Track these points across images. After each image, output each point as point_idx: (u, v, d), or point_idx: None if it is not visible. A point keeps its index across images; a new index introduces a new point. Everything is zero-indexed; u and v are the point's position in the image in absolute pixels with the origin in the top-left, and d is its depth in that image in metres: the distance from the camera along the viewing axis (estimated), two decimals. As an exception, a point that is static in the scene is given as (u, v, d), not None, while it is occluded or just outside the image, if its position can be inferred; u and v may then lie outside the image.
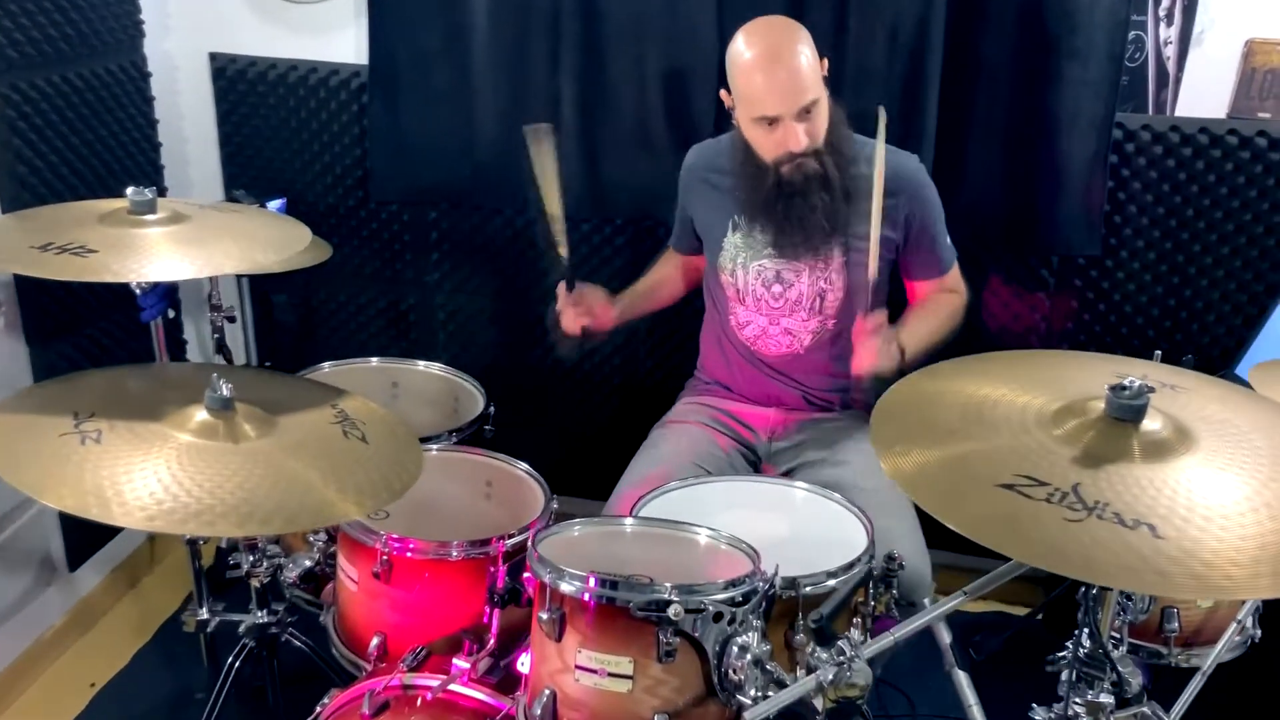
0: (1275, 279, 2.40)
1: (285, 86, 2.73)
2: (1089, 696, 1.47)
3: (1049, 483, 1.04)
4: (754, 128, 1.98)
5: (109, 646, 2.59)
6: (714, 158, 2.21)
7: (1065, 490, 1.02)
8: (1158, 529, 0.97)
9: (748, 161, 2.04)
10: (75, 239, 1.69)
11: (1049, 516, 1.00)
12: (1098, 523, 0.98)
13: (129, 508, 1.31)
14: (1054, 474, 1.05)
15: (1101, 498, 1.01)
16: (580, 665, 1.33)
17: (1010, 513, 1.00)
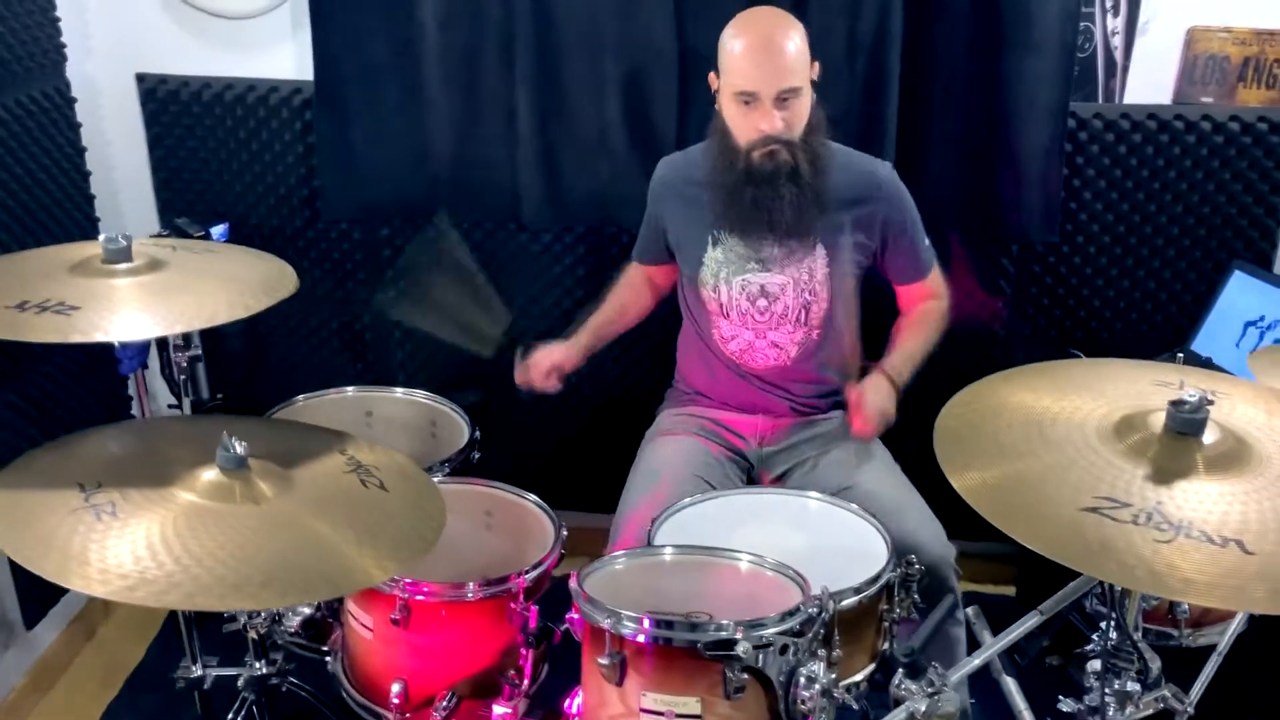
0: (1223, 256, 2.50)
1: (221, 106, 2.61)
2: (1116, 686, 1.52)
3: (1130, 503, 1.06)
4: (732, 105, 1.98)
5: (76, 704, 2.47)
6: (688, 170, 2.18)
7: (1149, 511, 1.04)
8: (1246, 544, 1.00)
9: (722, 148, 2.04)
10: (52, 295, 1.59)
11: (1140, 539, 1.02)
12: (1187, 541, 1.01)
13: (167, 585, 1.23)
14: (1132, 494, 1.08)
15: (1184, 516, 1.04)
16: (645, 709, 1.32)
17: (1102, 537, 1.02)
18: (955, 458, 1.19)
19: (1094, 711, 1.54)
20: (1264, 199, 2.45)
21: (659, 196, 2.24)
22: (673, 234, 2.22)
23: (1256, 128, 2.40)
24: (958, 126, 2.42)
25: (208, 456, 1.47)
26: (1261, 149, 2.41)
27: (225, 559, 1.31)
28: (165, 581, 1.26)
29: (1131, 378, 1.33)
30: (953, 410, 1.29)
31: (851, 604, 1.56)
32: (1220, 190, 2.46)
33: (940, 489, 1.32)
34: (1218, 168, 2.44)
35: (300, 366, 2.82)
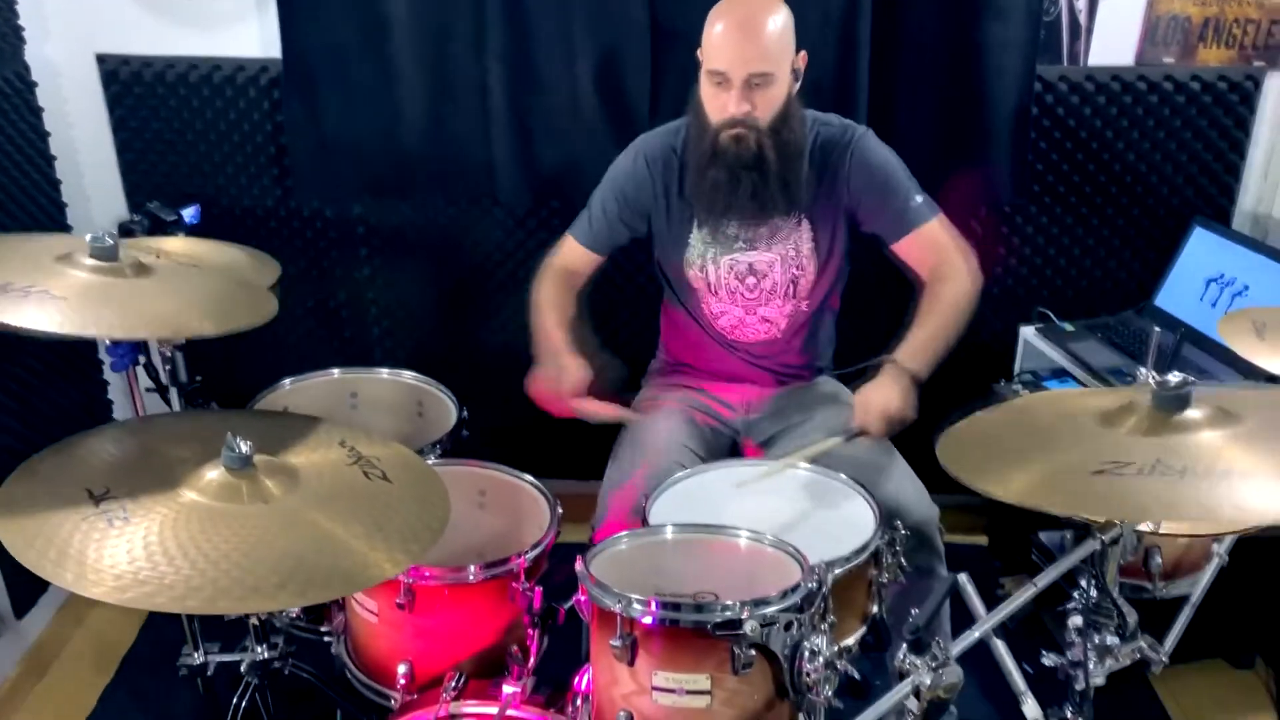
0: (1184, 213, 2.57)
1: (186, 87, 2.58)
2: (1096, 640, 1.59)
3: (1134, 461, 1.12)
4: (707, 84, 1.97)
5: (71, 690, 2.48)
6: (663, 155, 2.14)
7: (1151, 463, 1.11)
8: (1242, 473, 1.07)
9: (696, 126, 2.04)
10: (33, 280, 1.59)
11: (1154, 486, 1.10)
12: (1196, 477, 1.08)
13: (185, 590, 1.26)
14: (1134, 452, 1.15)
15: (1184, 463, 1.11)
16: (657, 686, 1.37)
17: (1118, 492, 1.09)
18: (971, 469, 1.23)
19: (1075, 665, 1.61)
20: (1223, 156, 2.52)
21: (644, 180, 2.15)
22: (656, 216, 2.18)
23: (1216, 87, 2.46)
24: (927, 93, 2.46)
25: (211, 455, 1.48)
26: (1221, 108, 2.48)
27: (240, 561, 1.32)
28: (184, 586, 1.27)
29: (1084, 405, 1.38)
30: (949, 448, 1.33)
31: (842, 572, 1.61)
32: (1182, 149, 2.52)
33: (918, 448, 1.35)
34: (1179, 127, 2.50)
35: (277, 346, 2.82)
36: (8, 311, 1.50)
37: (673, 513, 1.79)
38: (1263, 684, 2.49)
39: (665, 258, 2.22)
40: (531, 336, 2.23)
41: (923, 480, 2.01)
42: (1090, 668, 1.59)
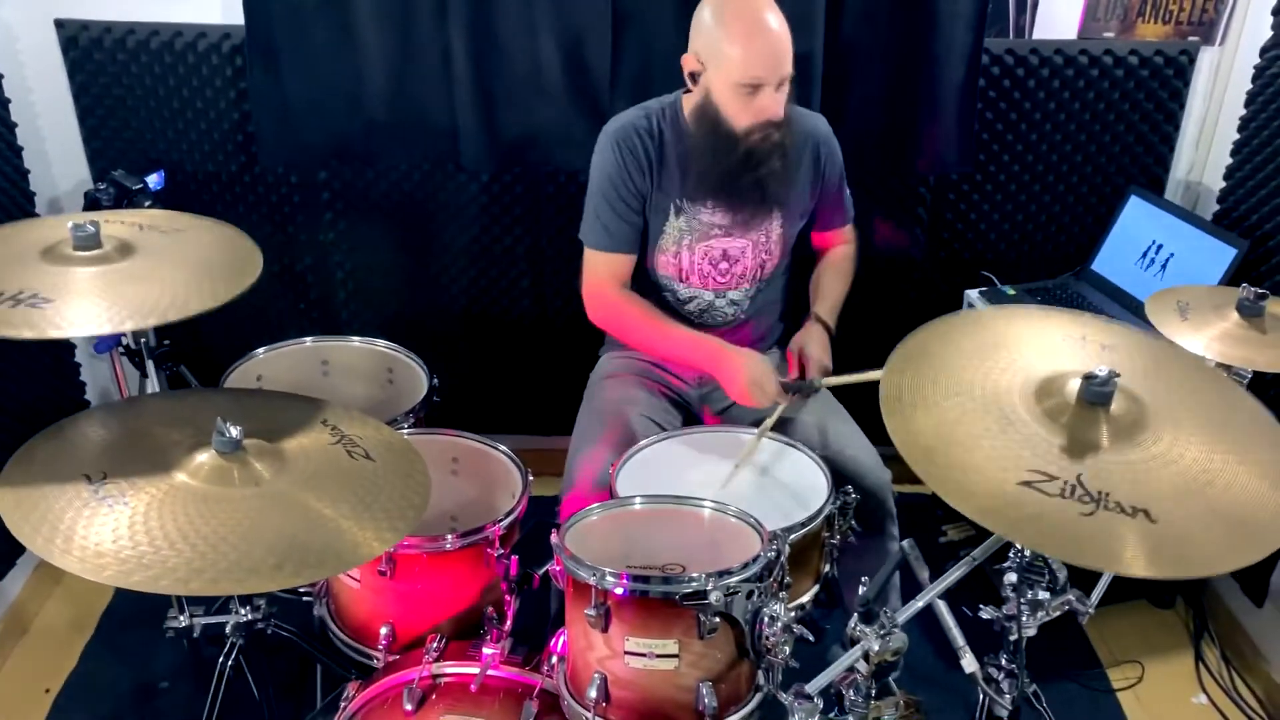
0: (1121, 181, 2.69)
1: (148, 53, 2.58)
2: (1029, 596, 1.73)
3: (1058, 476, 1.23)
4: (732, 94, 1.96)
5: (52, 648, 2.56)
6: (648, 141, 2.12)
7: (1073, 483, 1.22)
8: (1151, 513, 1.19)
9: (712, 133, 2.01)
10: (25, 286, 1.63)
11: (1069, 513, 1.19)
12: (1105, 514, 1.19)
13: (188, 573, 1.34)
14: (1057, 465, 1.25)
15: (1103, 487, 1.22)
16: (629, 651, 1.48)
17: (1040, 513, 1.19)
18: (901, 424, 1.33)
19: (1010, 619, 1.75)
20: (1159, 127, 2.64)
21: (629, 168, 2.11)
22: (648, 204, 2.17)
23: (1153, 61, 2.56)
24: (879, 66, 2.53)
25: (201, 438, 1.55)
26: (1158, 81, 2.58)
27: (237, 543, 1.41)
28: (186, 569, 1.36)
29: (1043, 330, 1.49)
30: (891, 377, 1.42)
31: (798, 536, 1.74)
32: (1120, 120, 2.63)
33: (868, 407, 1.44)
34: (1118, 99, 2.60)
35: (243, 309, 2.83)
36: (9, 324, 1.54)
37: (638, 481, 1.90)
38: (1183, 622, 2.68)
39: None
40: (648, 348, 2.24)
41: (865, 431, 2.13)
42: (1023, 621, 1.74)
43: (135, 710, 2.40)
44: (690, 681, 1.50)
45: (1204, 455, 1.29)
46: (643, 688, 1.51)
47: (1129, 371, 1.40)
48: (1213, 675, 2.51)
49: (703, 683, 1.50)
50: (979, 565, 1.87)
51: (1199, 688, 2.49)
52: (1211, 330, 1.80)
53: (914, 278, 2.82)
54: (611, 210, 2.13)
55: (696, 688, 1.50)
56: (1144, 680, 2.50)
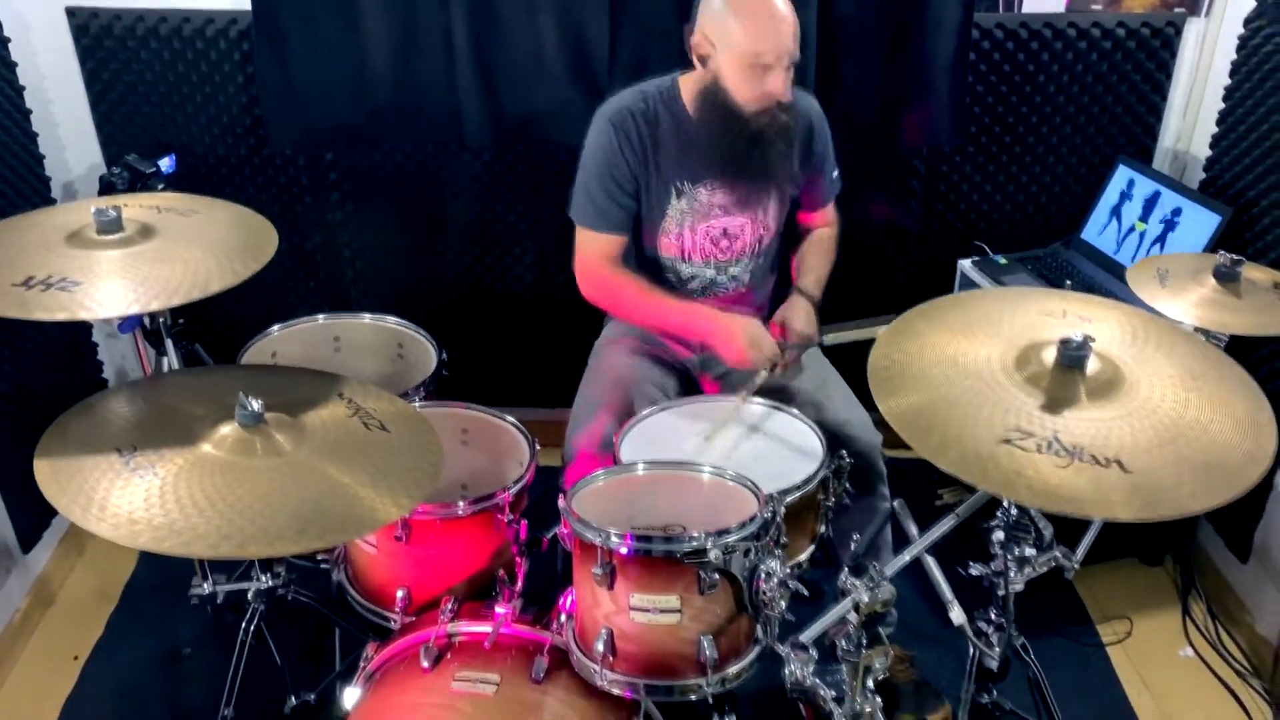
0: (1109, 151, 2.75)
1: (157, 40, 2.64)
2: (1016, 552, 1.82)
3: (1035, 433, 1.31)
4: (741, 73, 2.01)
5: (78, 618, 2.65)
6: (649, 125, 2.16)
7: (1050, 439, 1.30)
8: (1124, 464, 1.27)
9: (719, 112, 2.06)
10: (54, 270, 1.71)
11: (1045, 466, 1.28)
12: (1080, 465, 1.27)
13: (217, 538, 1.42)
14: (1035, 424, 1.33)
15: (1076, 441, 1.30)
16: (634, 606, 1.57)
17: (1015, 469, 1.28)
18: (887, 392, 1.42)
19: (998, 574, 1.84)
20: (1146, 98, 2.69)
21: (625, 153, 2.16)
22: (644, 187, 2.22)
23: (1140, 33, 2.62)
24: (872, 42, 2.59)
25: (224, 412, 1.63)
26: (1144, 52, 2.64)
27: (262, 509, 1.49)
28: (215, 534, 1.44)
29: (1024, 308, 1.57)
30: (881, 350, 1.51)
31: (794, 499, 1.82)
32: (1108, 91, 2.69)
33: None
34: (1106, 71, 2.66)
35: (255, 288, 2.90)
36: (42, 308, 1.62)
37: (640, 449, 1.97)
38: (1171, 579, 2.77)
39: (638, 224, 2.26)
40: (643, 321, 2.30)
41: (859, 396, 2.20)
42: (1011, 576, 1.82)
43: (161, 676, 2.49)
44: (692, 635, 1.59)
45: (1177, 410, 1.37)
46: (647, 641, 1.59)
47: (1106, 339, 1.47)
48: (1199, 629, 2.60)
49: (704, 636, 1.58)
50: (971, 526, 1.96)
51: (1186, 641, 2.58)
52: (1190, 296, 1.87)
53: (909, 248, 2.89)
54: (604, 192, 2.17)
55: (698, 641, 1.59)
56: (1132, 635, 2.58)
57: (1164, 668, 2.50)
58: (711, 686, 1.60)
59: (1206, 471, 1.27)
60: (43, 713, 2.37)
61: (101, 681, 2.47)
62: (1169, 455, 1.30)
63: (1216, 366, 1.47)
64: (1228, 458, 1.30)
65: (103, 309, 1.68)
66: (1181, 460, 1.29)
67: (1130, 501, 1.23)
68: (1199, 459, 1.29)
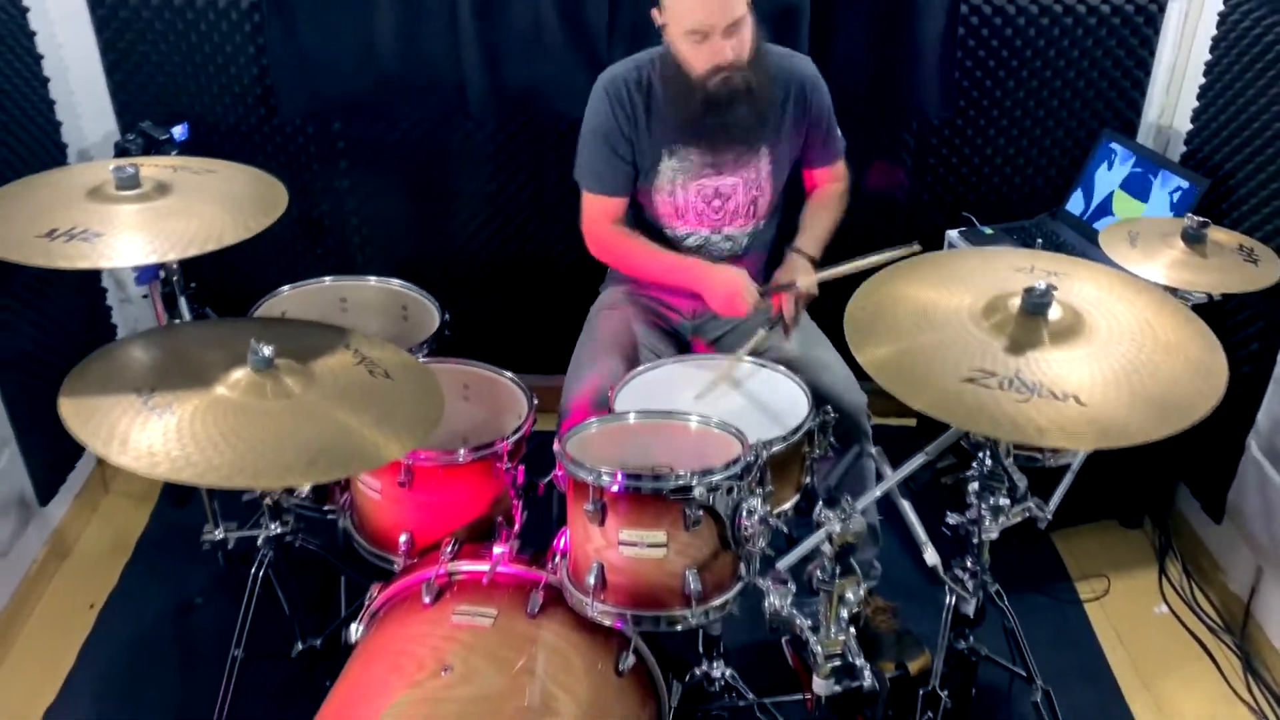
0: (1094, 124, 2.83)
1: (171, 10, 2.73)
2: (991, 502, 1.90)
3: (998, 373, 1.40)
4: (684, 42, 2.12)
5: (94, 569, 2.75)
6: (640, 87, 2.27)
7: (1011, 378, 1.39)
8: (1080, 398, 1.36)
9: (677, 79, 2.18)
10: (76, 223, 1.80)
11: (1005, 401, 1.37)
12: (1039, 400, 1.36)
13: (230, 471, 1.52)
14: (998, 364, 1.42)
15: (1037, 379, 1.39)
16: (623, 541, 1.66)
17: (977, 403, 1.37)
18: (862, 341, 1.51)
19: (973, 523, 1.93)
20: (1130, 73, 2.77)
21: (619, 118, 2.27)
22: (636, 147, 2.31)
23: (1125, 9, 2.69)
24: (863, 16, 2.67)
25: (236, 359, 1.73)
26: (1129, 28, 2.72)
27: (275, 446, 1.59)
28: (229, 467, 1.54)
29: (995, 265, 1.66)
30: (857, 302, 1.60)
31: (779, 449, 1.91)
32: (1093, 66, 2.77)
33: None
34: (1091, 46, 2.74)
35: (264, 255, 3.02)
36: (66, 257, 1.71)
37: (633, 403, 2.06)
38: (1149, 542, 2.86)
39: (636, 186, 2.36)
40: (641, 274, 2.42)
41: (854, 369, 2.28)
42: (985, 525, 1.91)
43: (173, 623, 2.59)
44: (678, 569, 1.68)
45: (1133, 352, 1.46)
46: (635, 574, 1.69)
47: (1070, 291, 1.56)
48: (1174, 588, 2.69)
49: (688, 570, 1.68)
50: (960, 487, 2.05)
51: (1161, 599, 2.67)
52: (1160, 257, 1.95)
53: (898, 220, 2.98)
54: (601, 157, 2.29)
55: (683, 574, 1.68)
56: (1110, 593, 2.68)
57: (1139, 624, 2.60)
58: (695, 618, 1.70)
59: (1158, 406, 1.37)
60: (62, 657, 2.47)
61: (117, 628, 2.57)
62: (1123, 391, 1.39)
63: (1174, 315, 1.56)
64: (1178, 395, 1.39)
65: (121, 258, 1.77)
66: (1135, 396, 1.38)
67: (1084, 432, 1.32)
68: (1152, 395, 1.38)
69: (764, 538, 1.67)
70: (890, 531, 2.41)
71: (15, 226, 1.79)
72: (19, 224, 1.80)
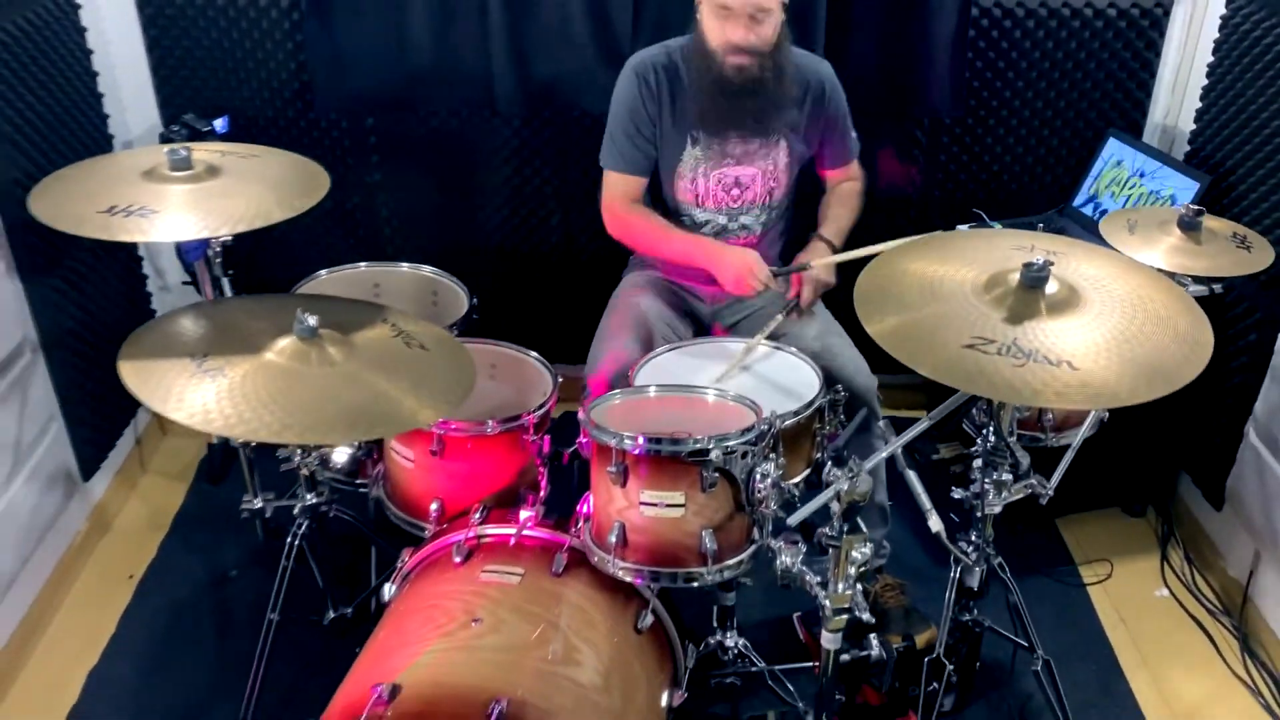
0: (1101, 125, 2.93)
1: (214, 8, 2.86)
2: (994, 477, 2.00)
3: (996, 340, 1.50)
4: (711, 14, 2.24)
5: (133, 543, 2.87)
6: (669, 71, 2.39)
7: (1009, 344, 1.49)
8: (1073, 364, 1.46)
9: (700, 52, 2.29)
10: (134, 200, 1.92)
11: (1003, 365, 1.47)
12: (1034, 365, 1.46)
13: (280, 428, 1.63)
14: (997, 333, 1.52)
15: (1032, 346, 1.49)
16: (644, 502, 1.77)
17: (977, 367, 1.47)
18: (871, 312, 1.61)
19: (977, 497, 2.02)
20: (1135, 74, 2.87)
21: (646, 99, 2.38)
22: (661, 132, 2.43)
23: (1130, 12, 2.79)
24: (877, 19, 2.78)
25: (282, 329, 1.84)
26: (1135, 32, 2.81)
27: (319, 407, 1.70)
28: (278, 424, 1.65)
29: (997, 244, 1.76)
30: (866, 277, 1.71)
31: (792, 424, 2.01)
32: (1100, 68, 2.86)
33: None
34: (1098, 48, 2.84)
35: (299, 241, 3.14)
36: (125, 231, 1.85)
37: (656, 379, 2.16)
38: (1152, 529, 2.94)
39: (659, 172, 2.48)
40: (656, 252, 2.55)
41: (869, 360, 2.36)
42: (989, 499, 2.01)
43: (210, 593, 2.70)
44: (694, 529, 1.78)
45: (1124, 323, 1.56)
46: (655, 533, 1.79)
47: (1067, 268, 1.66)
48: (1175, 573, 2.77)
49: (705, 530, 1.78)
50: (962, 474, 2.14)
51: (1162, 583, 2.75)
52: (1157, 244, 2.05)
53: (910, 214, 3.08)
54: (625, 136, 2.41)
55: (700, 534, 1.78)
56: (1112, 577, 2.76)
57: (1140, 606, 2.68)
58: (711, 575, 1.80)
59: (1146, 372, 1.46)
60: (103, 624, 2.59)
61: (156, 597, 2.69)
62: (1114, 358, 1.48)
63: (1166, 291, 1.65)
64: (1165, 362, 1.49)
65: (177, 233, 1.90)
66: (1125, 362, 1.48)
67: (1075, 394, 1.42)
68: (1140, 362, 1.48)
69: (775, 501, 1.77)
70: (899, 518, 2.51)
71: (78, 203, 1.91)
72: (80, 201, 1.93)
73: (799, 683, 2.31)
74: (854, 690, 2.30)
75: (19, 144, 2.43)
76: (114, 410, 2.91)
